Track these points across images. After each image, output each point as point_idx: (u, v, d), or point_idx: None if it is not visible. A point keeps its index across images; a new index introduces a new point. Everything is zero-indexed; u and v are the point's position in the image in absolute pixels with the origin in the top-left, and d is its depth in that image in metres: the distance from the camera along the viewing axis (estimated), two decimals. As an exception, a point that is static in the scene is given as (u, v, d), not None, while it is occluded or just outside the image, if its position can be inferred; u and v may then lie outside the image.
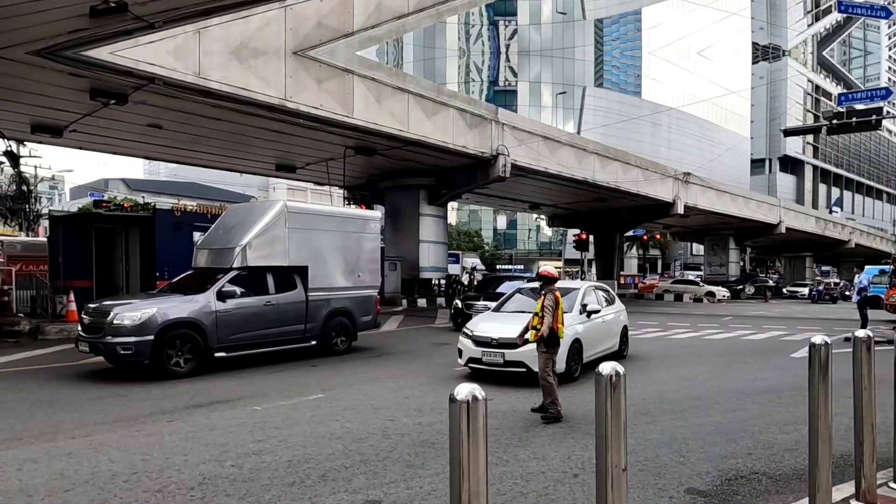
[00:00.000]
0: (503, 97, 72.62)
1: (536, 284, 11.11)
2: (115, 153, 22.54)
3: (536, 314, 7.00)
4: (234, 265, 10.27)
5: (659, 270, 68.81)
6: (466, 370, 9.36)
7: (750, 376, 9.87)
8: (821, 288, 41.04)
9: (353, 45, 16.66)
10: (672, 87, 76.18)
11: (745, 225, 43.73)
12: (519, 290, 11.06)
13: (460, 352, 9.12)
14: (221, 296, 9.73)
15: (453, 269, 40.13)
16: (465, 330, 9.32)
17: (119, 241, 17.37)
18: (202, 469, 4.94)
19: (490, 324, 9.21)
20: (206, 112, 15.93)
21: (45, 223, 32.86)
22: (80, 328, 9.41)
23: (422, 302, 24.90)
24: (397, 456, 5.34)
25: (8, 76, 13.11)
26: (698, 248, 62.28)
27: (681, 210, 33.77)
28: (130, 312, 8.84)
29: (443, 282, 28.52)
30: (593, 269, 43.62)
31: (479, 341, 8.82)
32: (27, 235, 35.72)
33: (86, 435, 5.95)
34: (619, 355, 10.82)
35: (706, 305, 33.10)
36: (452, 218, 67.68)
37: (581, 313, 9.41)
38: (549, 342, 6.89)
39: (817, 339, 3.78)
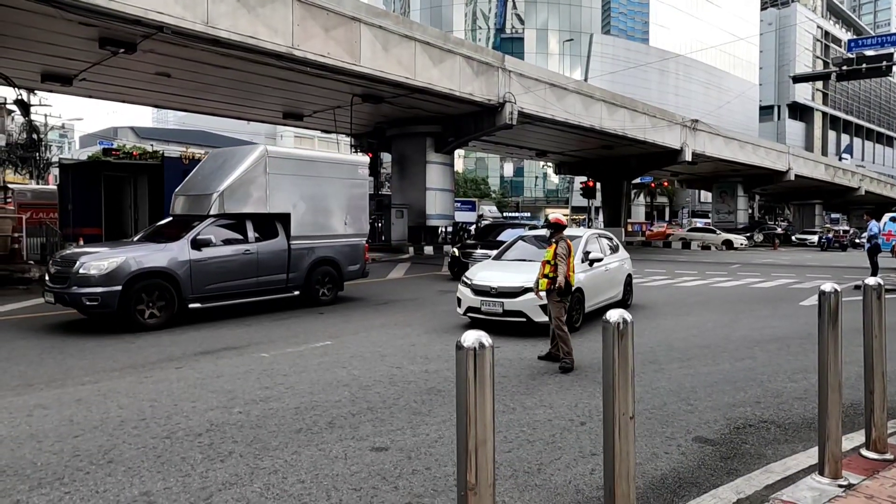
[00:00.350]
0: (510, 45, 71.15)
1: (539, 232, 10.93)
2: (123, 101, 22.68)
3: (549, 262, 6.84)
4: (211, 212, 9.91)
5: (666, 218, 68.47)
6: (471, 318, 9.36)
7: (758, 324, 9.84)
8: (830, 235, 40.78)
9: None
10: (680, 33, 74.55)
11: (753, 172, 43.18)
12: (521, 238, 10.81)
13: (459, 301, 8.94)
14: (196, 244, 9.36)
15: (470, 216, 40.19)
16: (464, 278, 9.09)
17: (128, 188, 17.37)
18: (210, 415, 4.99)
19: (490, 272, 8.98)
20: (214, 60, 15.91)
21: (55, 171, 32.82)
22: (46, 278, 9.06)
23: (428, 249, 24.92)
24: (404, 403, 5.37)
25: (20, 25, 13.16)
26: (706, 196, 61.77)
27: (688, 157, 33.33)
28: (97, 262, 8.48)
29: (450, 229, 28.47)
30: (600, 217, 43.46)
31: (478, 290, 8.62)
32: (37, 183, 35.79)
33: (95, 381, 6.01)
34: (623, 304, 10.64)
35: (714, 253, 32.96)
36: (459, 165, 67.24)
37: (583, 261, 9.11)
38: (562, 291, 6.79)
39: (827, 286, 3.69)
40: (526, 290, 8.05)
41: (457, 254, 16.13)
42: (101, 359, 6.99)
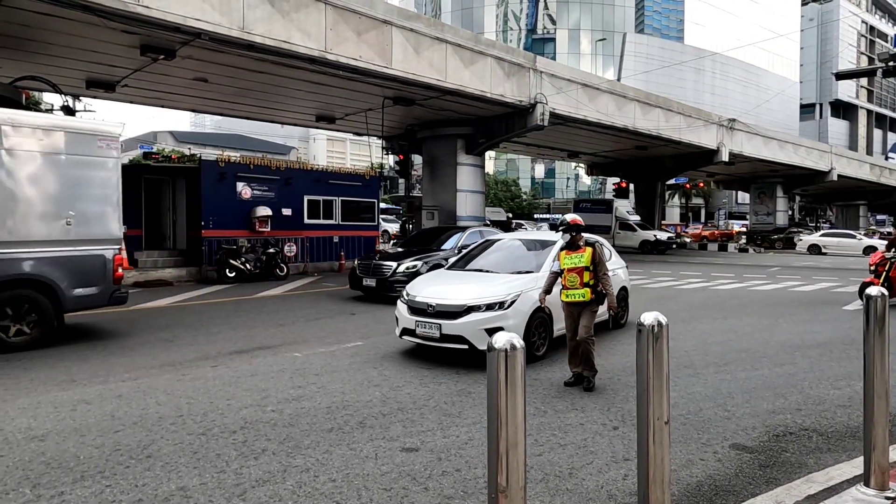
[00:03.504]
0: (541, 45, 70.87)
1: (529, 235, 10.04)
2: (163, 107, 23.12)
3: (587, 268, 5.96)
4: None
5: (702, 219, 67.21)
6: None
7: (799, 329, 9.57)
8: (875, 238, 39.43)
9: (391, -12, 16.48)
10: (716, 31, 72.93)
11: (793, 172, 42.00)
12: (492, 242, 8.96)
13: (397, 320, 7.39)
14: None
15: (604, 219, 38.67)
16: (405, 292, 7.45)
17: (167, 191, 17.80)
18: (244, 413, 5.07)
19: (437, 286, 7.39)
20: (249, 65, 16.26)
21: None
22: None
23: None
24: (434, 404, 5.38)
25: (66, 34, 13.69)
26: (743, 197, 60.36)
27: (725, 157, 32.60)
28: None
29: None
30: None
31: (415, 308, 7.01)
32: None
33: (135, 378, 6.17)
34: (614, 324, 8.99)
35: (752, 255, 32.20)
36: (490, 167, 67.08)
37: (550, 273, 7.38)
38: (598, 298, 6.04)
39: (873, 290, 3.57)
40: (470, 310, 6.63)
41: (356, 268, 12.65)
42: (140, 356, 7.17)
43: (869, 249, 32.98)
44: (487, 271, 7.82)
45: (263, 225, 16.31)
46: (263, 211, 16.36)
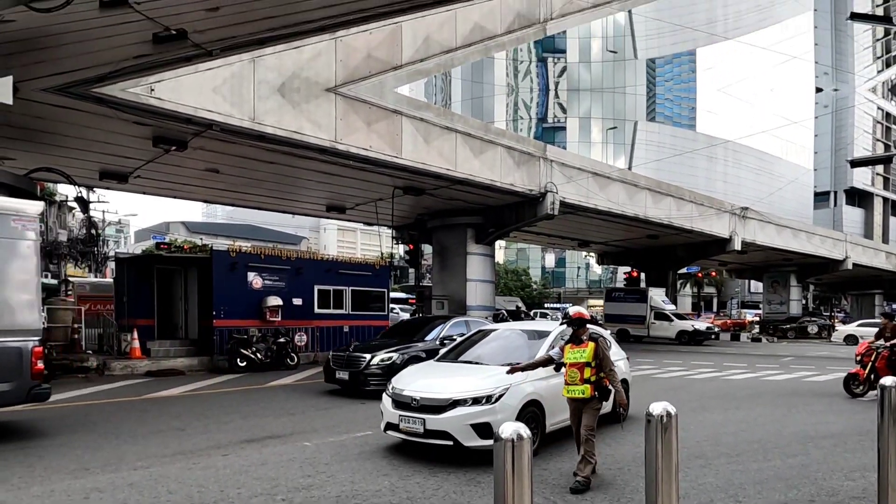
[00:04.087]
0: (552, 134, 72.47)
1: (526, 325, 9.56)
2: (175, 197, 23.45)
3: (588, 364, 5.72)
4: None
5: (714, 308, 66.61)
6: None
7: (812, 419, 9.40)
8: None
9: (401, 78, 16.96)
10: (729, 118, 72.92)
11: (807, 261, 41.95)
12: (486, 333, 8.68)
13: (382, 414, 7.03)
14: None
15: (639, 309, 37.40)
16: (390, 384, 7.12)
17: (179, 281, 18.06)
18: (254, 502, 5.05)
19: (425, 379, 7.07)
20: (260, 156, 16.47)
21: (111, 265, 34.54)
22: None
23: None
24: (443, 494, 5.33)
25: (80, 126, 14.08)
26: (756, 286, 60.00)
27: (738, 246, 32.74)
28: None
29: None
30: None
31: (399, 401, 6.68)
32: (95, 277, 37.59)
33: (147, 466, 6.16)
34: (613, 419, 8.05)
35: (764, 345, 31.73)
36: (500, 256, 67.52)
37: (547, 364, 6.69)
38: (601, 395, 5.84)
39: (888, 380, 3.62)
40: (455, 404, 6.29)
41: (330, 359, 11.86)
42: (152, 445, 7.17)
43: None
44: (478, 363, 7.42)
45: (274, 314, 16.41)
46: (274, 301, 16.47)
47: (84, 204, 20.49)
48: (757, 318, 43.82)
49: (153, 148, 15.18)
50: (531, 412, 6.59)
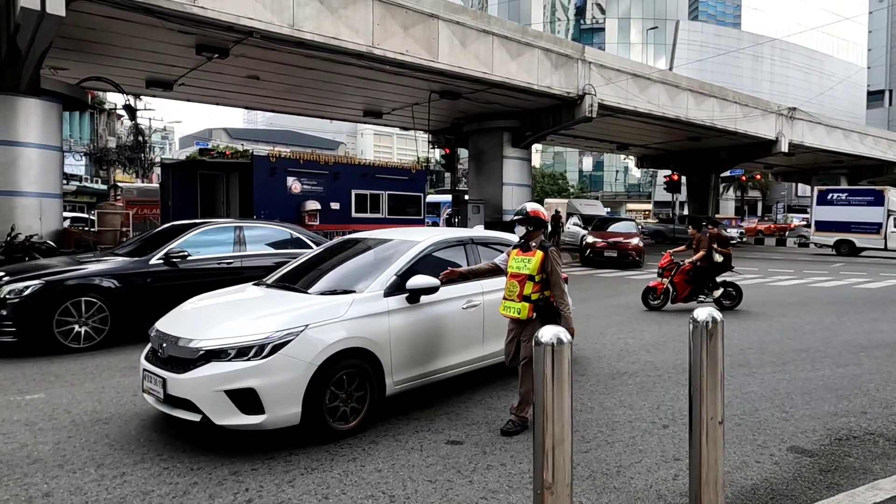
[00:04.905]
0: (590, 35, 69.60)
1: (417, 236, 5.65)
2: (217, 104, 24.18)
3: (531, 278, 4.49)
4: None
5: (759, 213, 64.93)
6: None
7: (865, 328, 9.10)
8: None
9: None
10: (776, 16, 69.55)
11: (859, 163, 40.09)
12: (354, 243, 6.01)
13: None
14: None
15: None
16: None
17: (221, 185, 18.37)
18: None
19: (201, 312, 4.91)
20: (299, 62, 16.67)
21: (157, 170, 35.35)
22: None
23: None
24: (479, 398, 5.39)
25: (127, 36, 14.46)
26: (804, 189, 57.97)
27: (784, 148, 31.36)
28: None
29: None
30: (685, 212, 41.74)
31: (152, 347, 4.64)
32: (142, 182, 38.66)
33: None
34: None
35: (813, 250, 30.91)
36: (536, 160, 66.50)
37: (392, 293, 4.81)
38: (544, 318, 4.47)
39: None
40: (210, 356, 4.10)
41: None
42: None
43: None
44: (296, 289, 5.08)
45: (312, 219, 16.67)
46: (312, 205, 16.72)
47: (132, 111, 21.02)
48: (804, 223, 42.53)
49: (196, 56, 15.63)
50: (350, 367, 4.40)
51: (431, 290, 4.86)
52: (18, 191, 13.46)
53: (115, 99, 42.41)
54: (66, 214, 20.88)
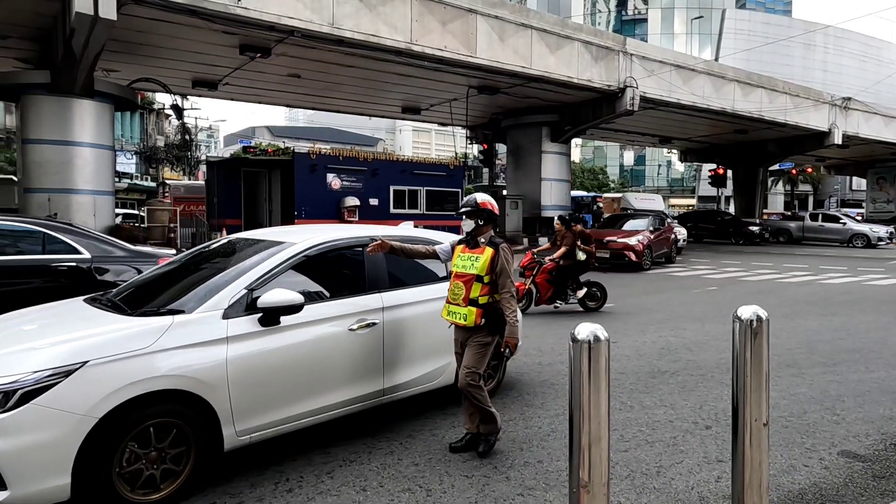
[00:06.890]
0: (632, 27, 68.43)
1: (290, 237, 4.48)
2: (260, 103, 24.78)
3: (480, 279, 3.93)
4: None
5: (810, 207, 62.79)
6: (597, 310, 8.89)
7: (922, 328, 8.69)
8: None
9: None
10: (828, 2, 66.98)
11: (920, 155, 38.34)
12: (237, 242, 4.76)
13: None
14: None
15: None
16: None
17: (263, 182, 18.85)
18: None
19: None
20: (338, 60, 17.01)
21: (203, 168, 36.41)
22: None
23: (542, 240, 24.67)
24: (516, 395, 5.36)
25: (174, 38, 14.99)
26: (859, 183, 55.73)
27: (838, 140, 30.18)
28: None
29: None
30: (731, 207, 40.67)
31: None
32: (189, 179, 39.87)
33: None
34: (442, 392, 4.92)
35: (867, 248, 29.66)
36: (576, 155, 65.70)
37: (238, 314, 3.61)
38: (493, 325, 4.00)
39: None
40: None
41: None
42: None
43: None
44: (120, 308, 3.79)
45: (352, 215, 16.88)
46: (352, 201, 16.93)
47: (179, 111, 21.75)
48: (859, 218, 40.90)
49: (240, 56, 16.10)
50: (163, 417, 3.23)
51: (292, 309, 3.65)
52: (74, 188, 14.09)
53: (163, 99, 43.95)
54: (117, 211, 21.70)
